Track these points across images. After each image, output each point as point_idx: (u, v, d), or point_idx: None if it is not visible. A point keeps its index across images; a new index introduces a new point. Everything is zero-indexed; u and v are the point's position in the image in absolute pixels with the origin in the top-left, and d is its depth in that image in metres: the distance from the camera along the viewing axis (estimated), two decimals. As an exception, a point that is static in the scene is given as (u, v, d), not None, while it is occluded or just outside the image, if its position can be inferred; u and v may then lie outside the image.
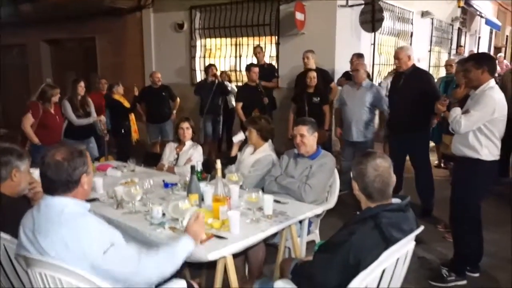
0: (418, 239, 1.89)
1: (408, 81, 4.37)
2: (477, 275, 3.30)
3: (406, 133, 4.43)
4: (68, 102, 5.31)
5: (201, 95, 6.81)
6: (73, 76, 8.64)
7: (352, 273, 1.68)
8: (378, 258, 1.67)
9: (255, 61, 6.78)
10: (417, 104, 4.28)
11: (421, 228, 1.87)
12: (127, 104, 6.43)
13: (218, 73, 6.96)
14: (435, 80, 6.12)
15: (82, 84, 5.43)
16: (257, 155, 3.50)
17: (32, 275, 1.69)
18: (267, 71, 6.73)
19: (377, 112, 5.25)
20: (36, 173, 2.93)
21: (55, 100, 4.91)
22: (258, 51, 6.86)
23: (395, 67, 6.01)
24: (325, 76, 6.01)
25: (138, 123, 6.91)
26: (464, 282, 3.20)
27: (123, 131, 6.37)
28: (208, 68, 6.83)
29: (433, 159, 6.62)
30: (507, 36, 19.12)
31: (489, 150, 3.03)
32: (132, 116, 6.64)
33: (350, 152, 5.22)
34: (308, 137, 3.14)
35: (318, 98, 5.41)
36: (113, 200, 2.79)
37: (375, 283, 1.74)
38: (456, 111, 3.10)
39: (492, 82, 3.02)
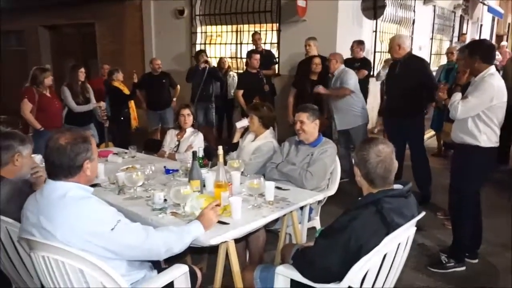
0: (417, 226, 1.90)
1: (404, 69, 4.42)
2: (475, 261, 3.33)
3: (402, 119, 4.48)
4: (67, 89, 5.27)
5: (192, 82, 6.74)
6: (72, 62, 8.58)
7: (354, 258, 1.70)
8: (379, 243, 1.68)
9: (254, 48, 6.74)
10: (412, 91, 4.34)
11: (423, 213, 1.88)
12: (126, 91, 6.36)
13: (213, 61, 6.88)
14: (437, 68, 6.10)
15: (82, 69, 5.39)
16: (258, 142, 3.49)
17: (35, 258, 1.70)
18: (265, 58, 6.68)
19: (358, 97, 5.13)
20: (37, 158, 2.94)
21: (48, 82, 4.85)
22: (257, 37, 6.80)
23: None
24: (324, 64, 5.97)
25: (138, 110, 6.88)
26: (463, 268, 3.23)
27: (122, 118, 6.32)
28: (198, 55, 6.74)
29: (433, 147, 6.64)
30: (509, 23, 19.00)
31: (487, 137, 3.04)
32: (132, 103, 6.58)
33: (342, 139, 5.29)
34: (308, 124, 3.12)
35: (321, 86, 5.38)
36: (115, 186, 2.80)
37: (376, 268, 1.76)
38: (456, 96, 3.10)
39: (492, 69, 3.00)
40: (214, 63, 7.59)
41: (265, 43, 7.35)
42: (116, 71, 6.37)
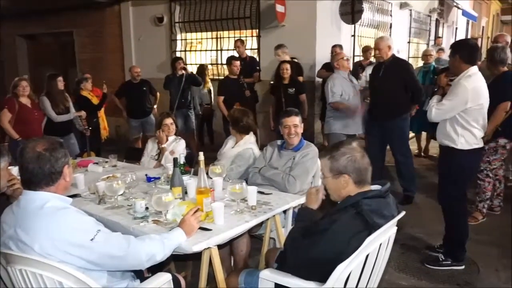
0: (399, 226, 1.92)
1: (388, 71, 4.45)
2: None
3: (386, 120, 4.52)
4: (46, 98, 5.19)
5: (170, 90, 6.69)
6: (51, 71, 8.44)
7: (335, 260, 1.70)
8: (361, 244, 1.69)
9: (236, 55, 6.74)
10: (397, 92, 4.41)
11: (403, 213, 1.91)
12: (95, 101, 6.15)
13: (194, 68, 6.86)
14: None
15: (60, 78, 5.33)
16: (238, 148, 3.50)
17: (12, 272, 1.66)
18: (249, 65, 6.71)
19: None
20: (14, 170, 2.87)
21: (23, 86, 4.82)
22: (238, 44, 6.80)
23: (371, 58, 6.10)
24: (295, 68, 5.94)
25: (119, 118, 6.77)
26: (462, 267, 3.23)
27: (89, 128, 5.91)
28: (175, 62, 6.70)
29: (413, 148, 6.74)
30: (483, 27, 19.51)
31: (465, 140, 3.04)
32: (101, 113, 6.41)
33: None
34: (300, 127, 3.21)
35: (293, 89, 5.43)
36: (95, 196, 2.75)
37: (359, 269, 1.77)
38: (435, 98, 3.15)
39: (471, 70, 2.96)
40: (195, 70, 7.58)
41: (245, 49, 7.37)
42: (84, 80, 6.16)
